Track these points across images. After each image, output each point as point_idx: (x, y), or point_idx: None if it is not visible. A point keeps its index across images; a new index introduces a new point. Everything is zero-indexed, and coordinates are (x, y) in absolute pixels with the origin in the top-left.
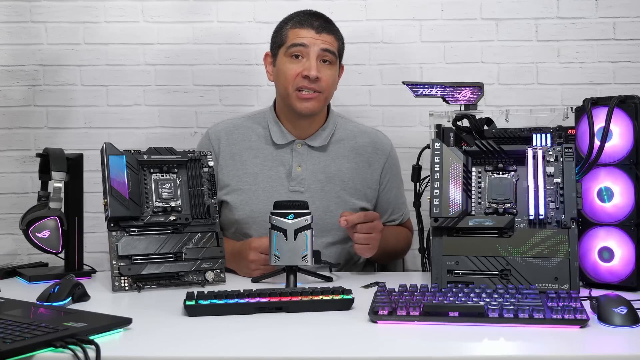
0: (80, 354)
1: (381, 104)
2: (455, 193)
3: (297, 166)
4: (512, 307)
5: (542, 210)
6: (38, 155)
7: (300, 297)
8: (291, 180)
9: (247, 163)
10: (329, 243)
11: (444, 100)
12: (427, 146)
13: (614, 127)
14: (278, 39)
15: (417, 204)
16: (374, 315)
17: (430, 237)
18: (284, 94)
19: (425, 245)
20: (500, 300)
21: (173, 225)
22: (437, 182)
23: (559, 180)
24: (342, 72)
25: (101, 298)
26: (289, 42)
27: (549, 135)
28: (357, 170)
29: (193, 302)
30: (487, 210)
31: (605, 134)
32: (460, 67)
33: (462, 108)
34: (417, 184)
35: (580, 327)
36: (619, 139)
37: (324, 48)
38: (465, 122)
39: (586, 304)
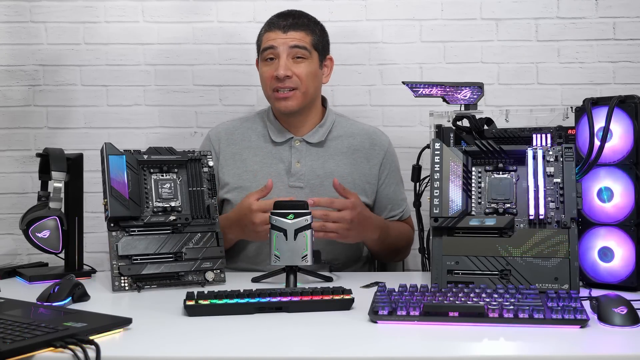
0: (80, 354)
1: (381, 104)
2: (455, 193)
3: (296, 162)
4: (512, 307)
5: (542, 210)
6: (38, 155)
7: (300, 297)
8: (291, 176)
9: (247, 161)
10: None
11: (444, 100)
12: (427, 146)
13: (614, 127)
14: (257, 46)
15: (417, 204)
16: (374, 315)
17: (430, 237)
18: (266, 96)
19: (425, 245)
20: (500, 300)
21: (173, 225)
22: (437, 182)
23: (559, 180)
24: (332, 64)
25: (101, 298)
26: (261, 47)
27: (549, 135)
28: (356, 166)
29: (193, 302)
30: (487, 210)
31: (605, 134)
32: (460, 67)
33: (462, 108)
34: (417, 184)
35: (580, 327)
36: (619, 139)
37: (292, 45)
38: (465, 122)
39: (586, 304)
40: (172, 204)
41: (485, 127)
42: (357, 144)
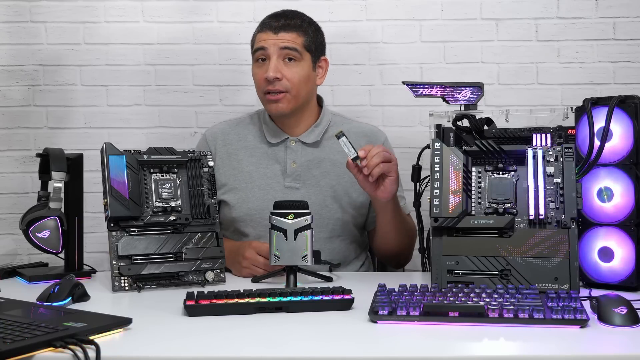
0: (80, 354)
1: (381, 104)
2: (455, 193)
3: (291, 162)
4: (512, 307)
5: (542, 210)
6: (38, 155)
7: (300, 297)
8: (286, 177)
9: (242, 162)
10: (326, 238)
11: (444, 100)
12: (427, 146)
13: (614, 127)
14: (251, 47)
15: (417, 204)
16: (374, 315)
17: (430, 237)
18: (259, 98)
19: (425, 245)
20: (500, 300)
21: (173, 225)
22: (437, 182)
23: (559, 180)
24: (327, 65)
25: (101, 298)
26: (253, 48)
27: (549, 135)
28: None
29: (193, 302)
30: (487, 210)
31: (605, 134)
32: (460, 67)
33: (462, 108)
34: (417, 184)
35: (580, 327)
36: (619, 139)
37: (282, 46)
38: (465, 122)
39: (586, 304)
40: (172, 204)
41: (485, 127)
42: (352, 141)
